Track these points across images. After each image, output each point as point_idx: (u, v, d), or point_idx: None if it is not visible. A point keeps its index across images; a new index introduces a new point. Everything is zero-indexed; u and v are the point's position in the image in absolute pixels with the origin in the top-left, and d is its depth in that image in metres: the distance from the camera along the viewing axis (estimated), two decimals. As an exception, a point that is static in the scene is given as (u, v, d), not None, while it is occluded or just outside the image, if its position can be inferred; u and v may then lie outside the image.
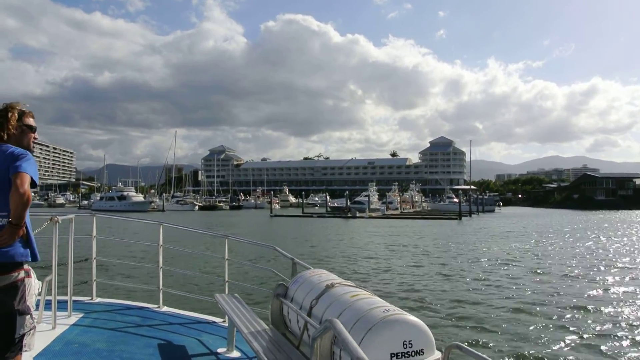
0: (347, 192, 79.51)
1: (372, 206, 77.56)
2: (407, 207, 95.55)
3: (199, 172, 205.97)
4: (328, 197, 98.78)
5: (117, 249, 23.40)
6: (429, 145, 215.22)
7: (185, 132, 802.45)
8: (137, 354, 4.56)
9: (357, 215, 67.44)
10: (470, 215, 71.23)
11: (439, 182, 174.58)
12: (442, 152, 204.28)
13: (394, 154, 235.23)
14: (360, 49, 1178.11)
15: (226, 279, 6.44)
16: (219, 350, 4.86)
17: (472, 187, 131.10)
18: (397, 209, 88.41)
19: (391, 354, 2.55)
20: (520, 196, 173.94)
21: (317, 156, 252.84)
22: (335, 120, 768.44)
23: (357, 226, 49.69)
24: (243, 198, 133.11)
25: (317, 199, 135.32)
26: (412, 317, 2.71)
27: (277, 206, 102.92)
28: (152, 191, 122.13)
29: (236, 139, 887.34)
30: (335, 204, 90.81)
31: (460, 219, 62.29)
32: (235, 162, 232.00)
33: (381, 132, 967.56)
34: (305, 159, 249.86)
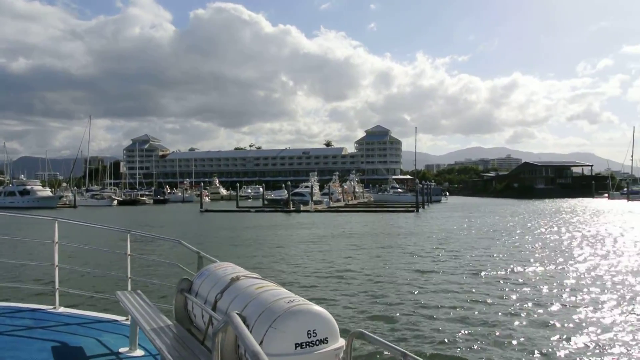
0: (289, 182, 71.58)
1: (314, 198, 70.25)
2: (349, 198, 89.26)
3: (121, 164, 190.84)
4: (262, 189, 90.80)
5: (5, 249, 22.43)
6: (364, 134, 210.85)
7: (109, 123, 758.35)
8: None
9: (302, 208, 59.80)
10: (423, 207, 65.57)
11: (378, 172, 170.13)
12: (378, 141, 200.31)
13: (328, 144, 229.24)
14: (292, 39, 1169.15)
15: (129, 276, 6.11)
16: (121, 349, 4.63)
17: (409, 176, 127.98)
18: (339, 200, 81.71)
19: (295, 344, 2.55)
20: (458, 186, 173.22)
21: (250, 146, 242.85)
22: (267, 111, 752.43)
23: (306, 222, 41.86)
24: (169, 191, 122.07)
25: (250, 190, 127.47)
26: (316, 307, 2.72)
27: (207, 199, 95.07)
28: (64, 184, 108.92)
29: (164, 130, 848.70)
30: (273, 196, 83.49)
31: (417, 210, 57.13)
32: (161, 153, 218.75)
33: (312, 123, 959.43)
34: (237, 149, 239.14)
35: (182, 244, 5.66)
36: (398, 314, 11.23)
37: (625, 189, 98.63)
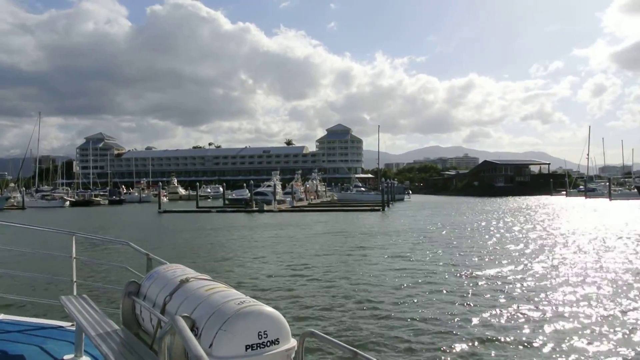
0: (252, 182, 69.81)
1: (277, 197, 68.60)
2: (312, 197, 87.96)
3: (74, 163, 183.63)
4: (222, 189, 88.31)
5: None
6: (325, 133, 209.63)
7: (62, 121, 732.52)
8: None
9: (265, 208, 58.01)
10: (389, 205, 64.98)
11: (340, 170, 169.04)
12: (339, 140, 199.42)
13: (289, 143, 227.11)
14: (251, 37, 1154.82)
15: (74, 280, 5.68)
16: (66, 357, 4.46)
17: (370, 175, 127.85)
18: (301, 199, 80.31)
19: (246, 345, 2.53)
20: (419, 184, 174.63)
21: (209, 144, 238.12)
22: (225, 109, 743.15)
23: (271, 223, 40.20)
24: (125, 191, 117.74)
25: (209, 190, 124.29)
26: (267, 308, 2.69)
27: (165, 199, 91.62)
28: (12, 185, 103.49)
29: (119, 128, 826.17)
30: (234, 196, 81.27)
31: (383, 209, 56.47)
32: (116, 152, 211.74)
33: (272, 122, 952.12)
34: (195, 148, 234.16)
35: (131, 246, 5.42)
36: (353, 314, 11.14)
37: (581, 187, 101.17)
